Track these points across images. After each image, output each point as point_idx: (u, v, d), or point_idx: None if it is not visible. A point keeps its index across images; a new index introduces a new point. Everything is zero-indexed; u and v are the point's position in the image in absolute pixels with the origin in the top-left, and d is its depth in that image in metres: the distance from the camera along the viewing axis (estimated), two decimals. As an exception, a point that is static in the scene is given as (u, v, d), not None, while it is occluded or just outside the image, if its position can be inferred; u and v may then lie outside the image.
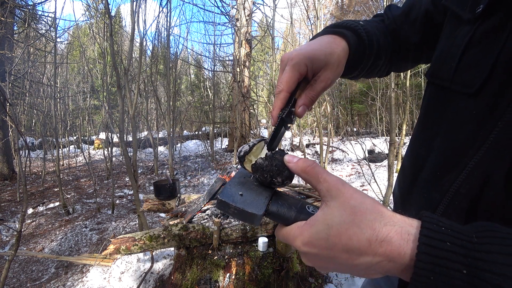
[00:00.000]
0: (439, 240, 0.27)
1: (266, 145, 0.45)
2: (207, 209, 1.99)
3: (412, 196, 0.52)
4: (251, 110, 8.14)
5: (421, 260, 0.27)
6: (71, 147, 10.99)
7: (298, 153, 7.11)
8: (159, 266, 2.33)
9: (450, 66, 0.43)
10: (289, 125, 0.45)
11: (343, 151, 7.48)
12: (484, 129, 0.37)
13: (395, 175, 2.68)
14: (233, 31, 7.96)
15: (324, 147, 5.53)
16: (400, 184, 0.58)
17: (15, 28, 6.53)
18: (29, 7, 6.09)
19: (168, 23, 5.50)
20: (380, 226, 0.30)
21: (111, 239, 1.82)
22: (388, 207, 2.54)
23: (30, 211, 4.43)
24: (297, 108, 0.44)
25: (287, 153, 0.41)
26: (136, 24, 2.76)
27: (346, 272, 0.34)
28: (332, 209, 0.32)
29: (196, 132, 11.86)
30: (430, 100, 0.50)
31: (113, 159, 7.17)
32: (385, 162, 6.11)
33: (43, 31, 6.06)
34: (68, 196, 5.20)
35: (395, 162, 2.44)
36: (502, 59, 0.36)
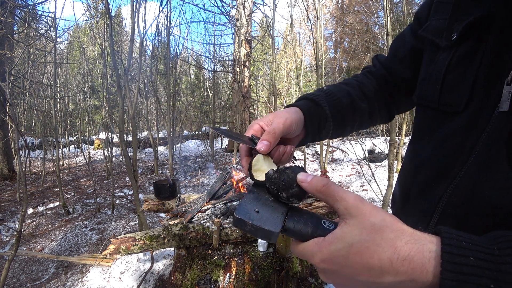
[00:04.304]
0: (462, 256, 0.27)
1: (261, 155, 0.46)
2: (207, 209, 1.99)
3: (406, 209, 0.54)
4: (251, 110, 8.13)
5: (447, 278, 0.26)
6: (71, 147, 10.98)
7: (298, 153, 7.11)
8: (159, 266, 2.33)
9: (435, 89, 0.48)
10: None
11: (343, 151, 7.48)
12: (470, 141, 0.41)
13: (395, 175, 2.68)
14: (233, 31, 7.96)
15: (324, 147, 5.53)
16: (396, 197, 0.61)
17: (15, 28, 6.52)
18: (29, 7, 6.08)
19: (168, 23, 5.49)
20: (401, 244, 0.30)
21: (111, 239, 1.82)
22: (388, 207, 2.54)
23: (30, 211, 4.43)
24: (258, 146, 0.46)
25: (304, 171, 0.40)
26: (136, 24, 2.76)
27: None
28: (351, 227, 0.32)
29: (196, 132, 11.86)
30: (421, 120, 0.54)
31: (113, 159, 7.17)
32: (385, 162, 6.10)
33: (43, 31, 6.06)
34: (68, 196, 5.20)
35: (395, 162, 2.44)
36: (479, 78, 0.41)
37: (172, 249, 2.38)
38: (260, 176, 0.44)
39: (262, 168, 0.45)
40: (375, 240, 0.30)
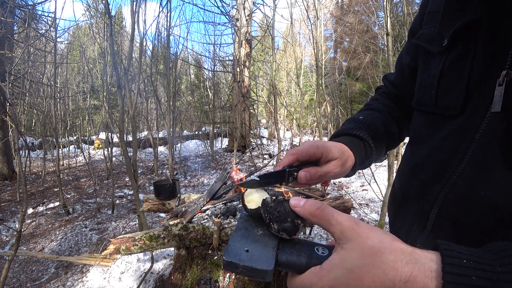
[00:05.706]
0: (464, 276, 0.26)
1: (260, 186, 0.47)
2: (207, 209, 1.99)
3: (404, 211, 0.55)
4: (251, 110, 8.14)
5: None
6: (71, 147, 10.99)
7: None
8: (159, 266, 2.33)
9: (431, 94, 0.49)
10: (282, 183, 0.49)
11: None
12: (465, 142, 0.42)
13: (395, 175, 2.69)
14: (233, 31, 7.97)
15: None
16: (393, 199, 0.62)
17: (15, 28, 6.52)
18: (29, 7, 6.08)
19: (168, 23, 5.49)
20: (402, 265, 0.29)
21: (111, 239, 1.82)
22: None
23: (30, 211, 4.43)
24: (300, 173, 0.49)
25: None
26: (136, 24, 2.76)
27: None
28: (349, 252, 0.31)
29: (196, 132, 11.86)
30: (419, 124, 0.55)
31: (113, 159, 7.17)
32: (385, 162, 6.09)
33: (43, 31, 6.05)
34: (68, 196, 5.20)
35: (395, 162, 2.45)
36: (472, 81, 0.42)
37: (172, 249, 2.38)
38: (252, 205, 0.43)
39: (254, 198, 0.45)
40: (375, 263, 0.30)
